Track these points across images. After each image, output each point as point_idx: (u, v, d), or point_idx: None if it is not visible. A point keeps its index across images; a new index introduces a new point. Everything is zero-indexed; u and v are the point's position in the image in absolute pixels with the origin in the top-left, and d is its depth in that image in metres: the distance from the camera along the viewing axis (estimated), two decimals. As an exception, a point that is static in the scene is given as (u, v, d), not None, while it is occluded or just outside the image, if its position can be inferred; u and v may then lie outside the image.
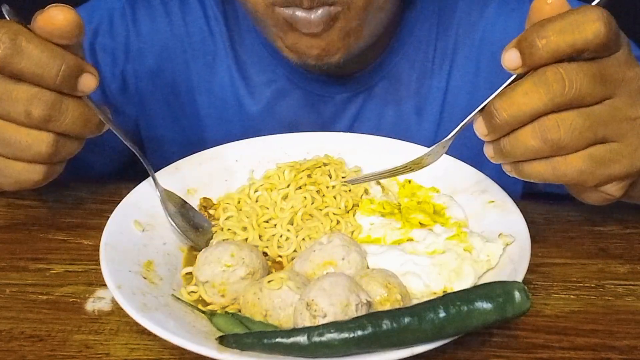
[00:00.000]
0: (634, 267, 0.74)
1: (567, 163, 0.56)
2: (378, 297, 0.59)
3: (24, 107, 0.59)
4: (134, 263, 0.65)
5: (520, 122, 0.55)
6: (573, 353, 0.62)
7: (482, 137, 0.59)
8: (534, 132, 0.55)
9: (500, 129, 0.57)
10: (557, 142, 0.55)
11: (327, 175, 0.79)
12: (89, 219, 0.80)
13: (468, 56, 0.94)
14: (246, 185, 0.81)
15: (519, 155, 0.57)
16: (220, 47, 0.96)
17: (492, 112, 0.56)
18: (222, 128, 0.98)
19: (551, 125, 0.54)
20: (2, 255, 0.74)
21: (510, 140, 0.57)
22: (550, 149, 0.55)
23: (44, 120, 0.60)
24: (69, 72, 0.59)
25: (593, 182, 0.58)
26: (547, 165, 0.57)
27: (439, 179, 0.80)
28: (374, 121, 0.96)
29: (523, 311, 0.54)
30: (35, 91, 0.59)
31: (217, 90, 0.97)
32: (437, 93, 0.95)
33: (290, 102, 0.96)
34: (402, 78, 0.95)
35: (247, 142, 0.86)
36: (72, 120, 0.61)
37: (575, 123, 0.54)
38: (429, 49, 0.94)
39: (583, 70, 0.53)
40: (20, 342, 0.63)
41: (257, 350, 0.54)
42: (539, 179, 0.58)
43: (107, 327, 0.64)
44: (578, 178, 0.57)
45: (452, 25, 0.94)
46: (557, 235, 0.79)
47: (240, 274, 0.63)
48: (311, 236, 0.72)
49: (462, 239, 0.69)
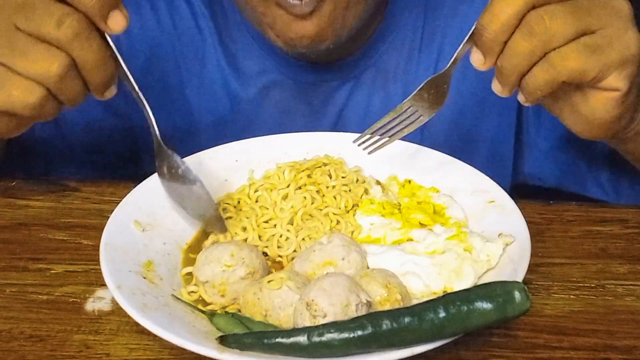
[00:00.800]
0: (634, 267, 0.74)
1: (562, 56, 0.58)
2: (378, 297, 0.59)
3: (57, 19, 0.59)
4: (134, 263, 0.65)
5: (508, 28, 0.58)
6: (573, 353, 0.62)
7: (480, 65, 0.61)
8: (522, 33, 0.57)
9: (492, 45, 0.59)
10: (545, 32, 0.57)
11: (327, 175, 0.79)
12: (89, 219, 0.80)
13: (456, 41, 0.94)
14: (246, 185, 0.81)
15: (517, 65, 0.59)
16: (209, 42, 0.97)
17: (480, 30, 0.59)
18: (214, 121, 0.99)
19: (535, 17, 0.57)
20: (2, 255, 0.74)
21: (505, 54, 0.59)
22: (541, 43, 0.57)
23: (70, 37, 0.60)
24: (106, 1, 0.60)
25: (593, 70, 0.59)
26: (545, 66, 0.58)
27: (439, 179, 0.80)
28: (362, 108, 0.97)
29: (523, 311, 0.54)
30: (71, 10, 0.59)
31: (207, 85, 0.98)
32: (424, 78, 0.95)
33: (280, 92, 0.98)
34: (389, 65, 0.96)
35: (247, 142, 0.86)
36: (91, 53, 0.61)
37: (557, 10, 0.57)
38: (416, 36, 0.95)
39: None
40: (20, 342, 0.63)
41: (257, 350, 0.54)
42: (544, 86, 0.59)
43: (107, 327, 0.64)
44: (576, 69, 0.58)
45: (441, 11, 0.95)
46: (557, 235, 0.79)
47: (240, 274, 0.63)
48: (311, 236, 0.72)
49: (462, 239, 0.69)
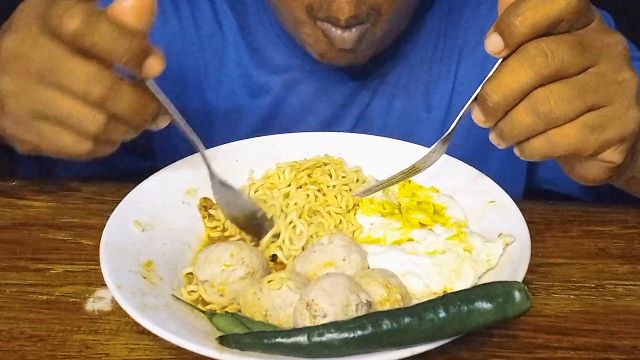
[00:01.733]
0: (634, 267, 0.74)
1: (562, 134, 0.58)
2: (378, 297, 0.59)
3: (85, 84, 0.59)
4: (134, 263, 0.65)
5: (512, 101, 0.57)
6: (573, 353, 0.62)
7: (481, 123, 0.61)
8: (525, 108, 0.57)
9: (494, 112, 0.58)
10: (549, 113, 0.56)
11: (328, 175, 0.79)
12: (89, 219, 0.80)
13: (476, 49, 0.95)
14: (246, 185, 0.81)
15: (516, 135, 0.59)
16: (230, 41, 0.97)
17: (484, 97, 0.58)
18: (231, 118, 0.99)
19: (541, 97, 0.56)
20: (2, 255, 0.74)
21: (506, 121, 0.59)
22: (544, 123, 0.57)
23: (100, 100, 0.60)
24: (137, 52, 0.59)
25: (591, 149, 0.59)
26: (543, 140, 0.58)
27: (439, 179, 0.80)
28: (384, 109, 0.97)
29: (523, 311, 0.54)
30: (97, 70, 0.59)
31: (226, 83, 0.98)
32: (446, 82, 0.96)
33: (302, 91, 0.98)
34: (413, 67, 0.96)
35: (247, 142, 0.85)
36: (127, 104, 0.61)
37: (564, 93, 0.56)
38: (439, 38, 0.96)
39: (563, 40, 0.56)
40: (20, 342, 0.63)
41: (257, 350, 0.54)
42: (539, 156, 0.60)
43: (107, 327, 0.64)
44: (575, 147, 0.58)
45: (462, 18, 0.96)
46: (557, 235, 0.79)
47: (239, 274, 0.63)
48: (318, 233, 0.72)
49: (462, 239, 0.69)
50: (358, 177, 0.81)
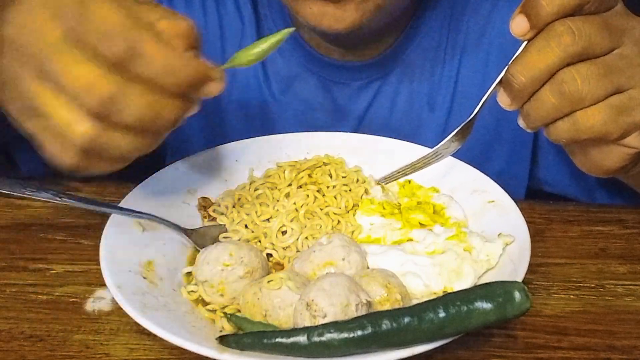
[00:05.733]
0: (634, 267, 0.74)
1: (588, 116, 0.57)
2: (378, 297, 0.59)
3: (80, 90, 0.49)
4: (134, 263, 0.65)
5: (538, 82, 0.56)
6: (573, 353, 0.62)
7: (506, 107, 0.60)
8: (552, 89, 0.56)
9: (521, 94, 0.58)
10: (575, 93, 0.55)
11: (328, 175, 0.79)
12: (89, 219, 0.80)
13: (478, 48, 0.95)
14: (246, 183, 0.81)
15: (543, 117, 0.58)
16: (248, 33, 0.97)
17: (510, 79, 0.57)
18: (243, 113, 0.99)
19: (568, 77, 0.55)
20: (2, 255, 0.74)
21: (532, 104, 0.58)
22: (570, 103, 0.56)
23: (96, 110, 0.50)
24: (198, 79, 0.53)
25: (616, 132, 0.58)
26: (569, 122, 0.57)
27: (439, 179, 0.80)
28: (386, 108, 0.97)
29: (523, 311, 0.54)
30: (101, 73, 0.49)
31: (239, 76, 0.98)
32: (449, 81, 0.96)
33: (305, 88, 0.97)
34: (415, 66, 0.96)
35: (247, 142, 0.86)
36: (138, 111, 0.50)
37: (591, 72, 0.55)
38: (442, 38, 0.96)
39: (589, 21, 0.55)
40: (20, 342, 0.63)
41: (257, 350, 0.54)
42: (566, 139, 0.59)
43: (107, 327, 0.64)
44: (601, 129, 0.57)
45: (464, 17, 0.95)
46: (557, 235, 0.79)
47: (238, 273, 0.63)
48: (314, 235, 0.72)
49: (461, 239, 0.69)
50: (358, 177, 0.81)
